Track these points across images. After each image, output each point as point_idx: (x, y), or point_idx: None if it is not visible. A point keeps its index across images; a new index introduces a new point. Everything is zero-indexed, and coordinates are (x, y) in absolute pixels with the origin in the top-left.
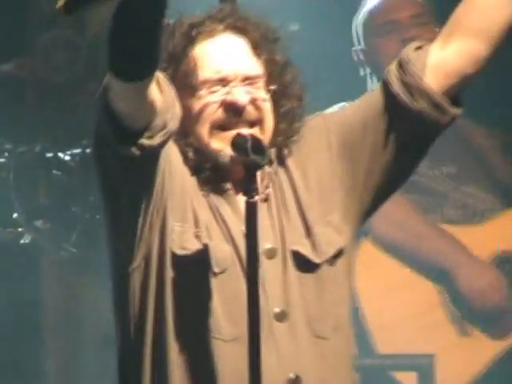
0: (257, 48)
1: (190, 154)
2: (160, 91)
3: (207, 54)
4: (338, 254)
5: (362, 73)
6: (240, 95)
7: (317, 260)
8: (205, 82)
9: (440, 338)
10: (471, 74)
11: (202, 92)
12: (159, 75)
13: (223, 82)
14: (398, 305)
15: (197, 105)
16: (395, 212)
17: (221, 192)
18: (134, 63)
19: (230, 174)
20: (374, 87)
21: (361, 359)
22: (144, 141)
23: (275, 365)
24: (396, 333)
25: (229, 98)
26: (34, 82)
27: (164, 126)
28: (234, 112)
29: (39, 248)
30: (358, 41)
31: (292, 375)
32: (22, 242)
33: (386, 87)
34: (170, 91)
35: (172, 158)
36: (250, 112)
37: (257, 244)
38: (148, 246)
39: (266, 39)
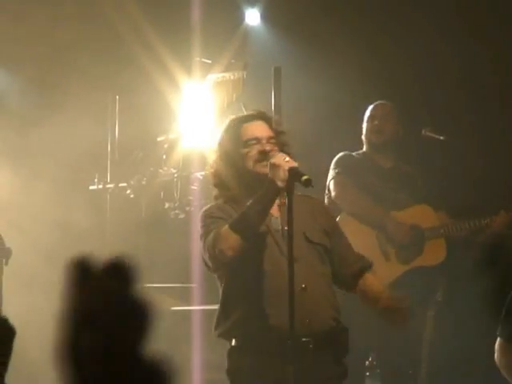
0: (270, 126)
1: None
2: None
3: (248, 128)
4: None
5: None
6: (267, 147)
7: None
8: (248, 141)
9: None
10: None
11: (249, 146)
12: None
13: (258, 140)
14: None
15: (246, 152)
16: (357, 199)
17: None
18: (247, 232)
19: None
20: None
21: None
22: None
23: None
24: None
25: (261, 148)
26: None
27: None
28: (264, 155)
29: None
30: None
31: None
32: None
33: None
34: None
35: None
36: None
37: (292, 218)
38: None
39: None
